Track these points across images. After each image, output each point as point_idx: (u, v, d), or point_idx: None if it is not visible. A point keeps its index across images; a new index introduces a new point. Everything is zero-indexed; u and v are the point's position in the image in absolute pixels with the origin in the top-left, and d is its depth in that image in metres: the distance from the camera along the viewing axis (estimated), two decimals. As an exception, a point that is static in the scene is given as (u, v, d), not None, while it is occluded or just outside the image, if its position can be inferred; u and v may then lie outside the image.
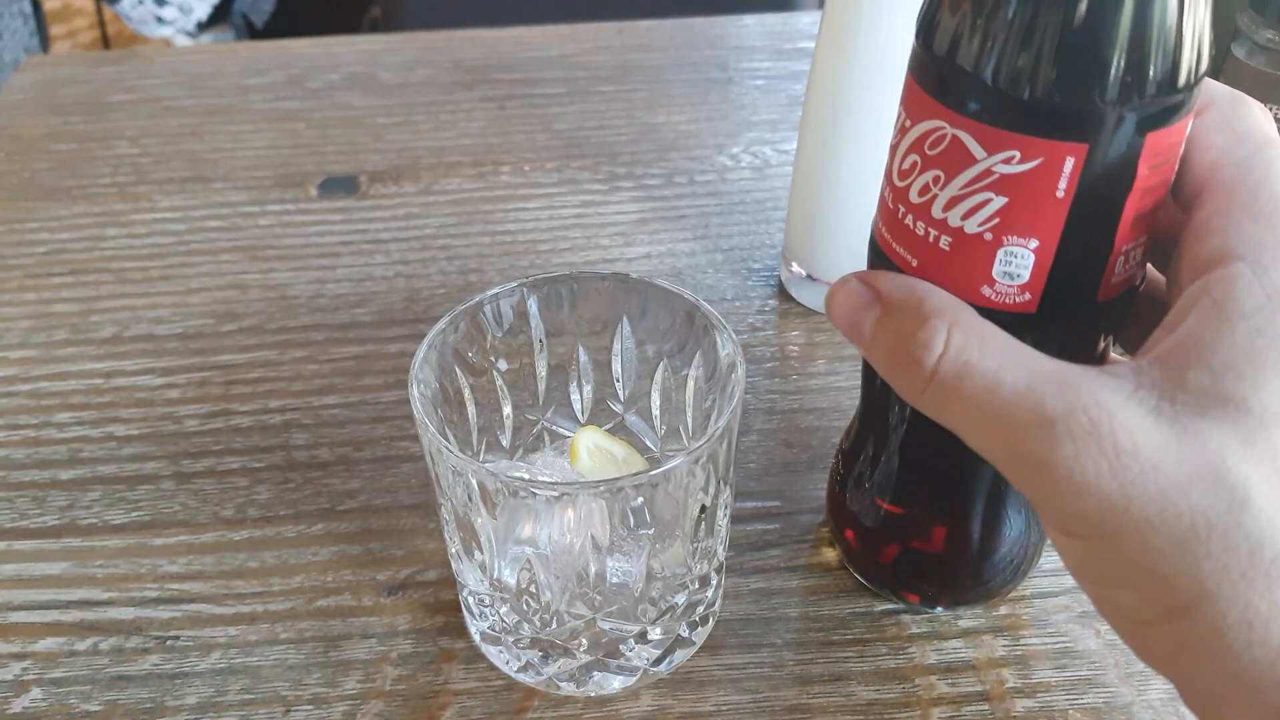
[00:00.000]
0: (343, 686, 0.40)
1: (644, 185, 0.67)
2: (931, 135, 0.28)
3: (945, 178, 0.28)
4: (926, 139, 0.29)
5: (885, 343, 0.28)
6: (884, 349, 0.28)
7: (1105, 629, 0.41)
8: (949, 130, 0.28)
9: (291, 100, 0.76)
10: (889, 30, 0.49)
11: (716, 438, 0.34)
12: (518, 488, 0.33)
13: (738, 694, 0.39)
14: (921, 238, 0.29)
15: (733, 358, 0.37)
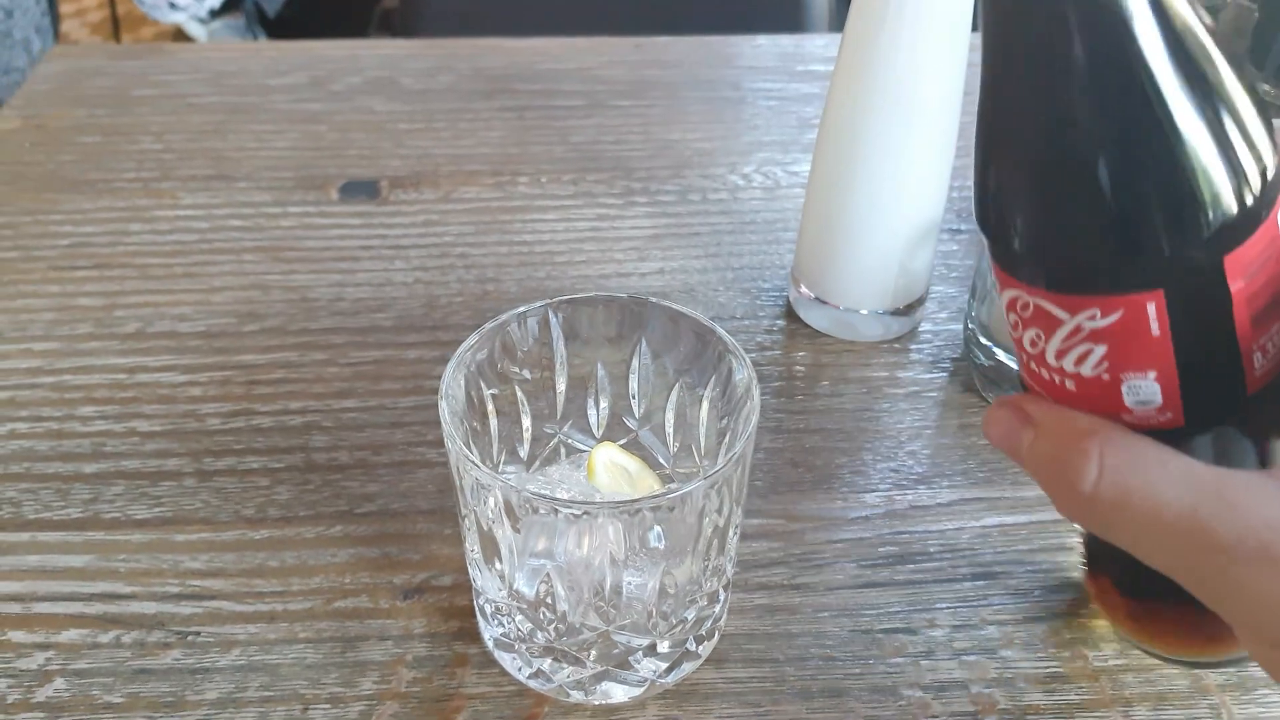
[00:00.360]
0: (359, 687, 0.41)
1: (658, 201, 0.68)
2: (1018, 302, 0.29)
3: (1044, 335, 0.28)
4: (1015, 304, 0.29)
5: (1041, 465, 0.28)
6: (1041, 472, 0.29)
7: (1094, 655, 0.42)
8: (1030, 299, 0.28)
9: (314, 102, 0.78)
10: (907, 62, 0.50)
11: (732, 463, 0.35)
12: (541, 505, 0.35)
13: (741, 707, 0.41)
14: (1049, 380, 0.29)
15: (748, 383, 0.39)
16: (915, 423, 0.53)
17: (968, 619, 0.44)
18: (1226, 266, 0.25)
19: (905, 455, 0.51)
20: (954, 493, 0.49)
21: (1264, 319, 0.27)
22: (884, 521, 0.48)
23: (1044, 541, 0.47)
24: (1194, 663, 0.41)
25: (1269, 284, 0.26)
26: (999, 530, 0.48)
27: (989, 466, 0.51)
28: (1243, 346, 0.27)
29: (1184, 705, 0.41)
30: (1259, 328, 0.27)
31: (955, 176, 0.55)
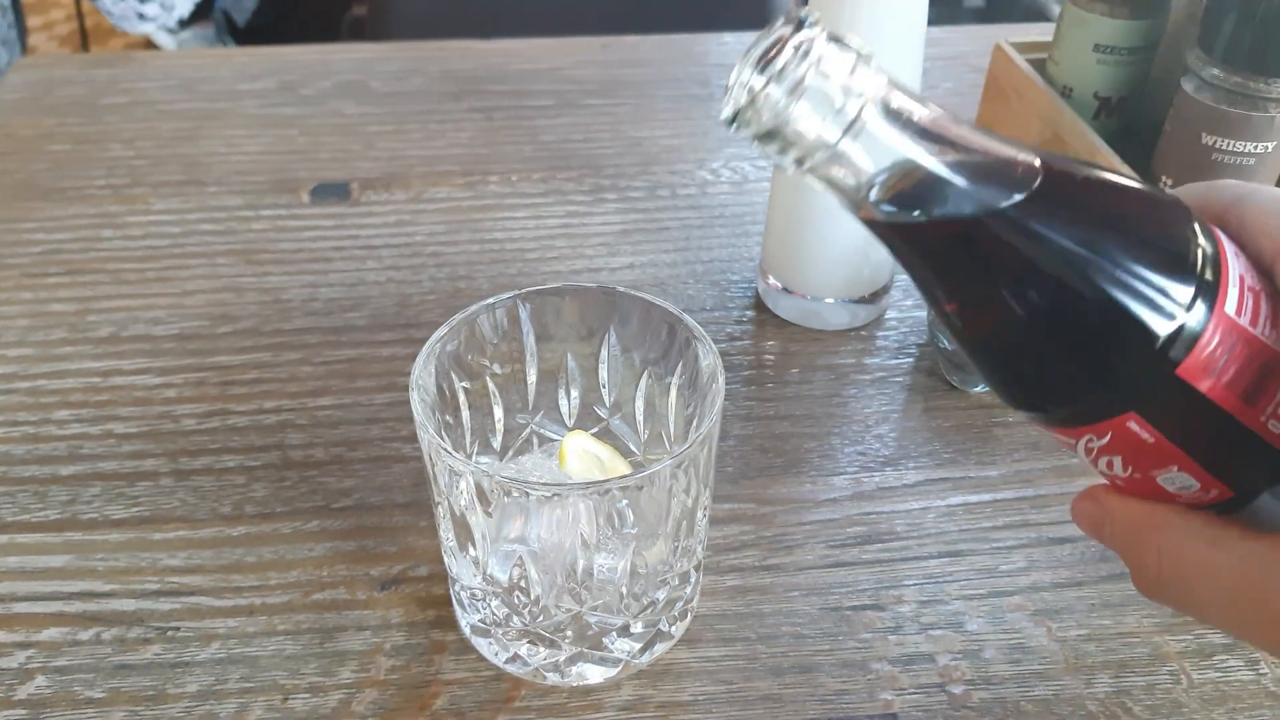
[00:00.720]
0: (338, 676, 0.42)
1: (628, 197, 0.69)
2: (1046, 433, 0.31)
3: (1075, 453, 0.30)
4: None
5: (1119, 552, 0.31)
6: (1120, 557, 0.31)
7: (1056, 626, 0.44)
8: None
9: (285, 106, 0.78)
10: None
11: (698, 444, 0.36)
12: (512, 488, 0.35)
13: (714, 684, 0.42)
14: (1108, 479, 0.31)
15: (713, 368, 0.39)
16: (882, 407, 0.54)
17: (934, 595, 0.45)
18: (1184, 376, 0.26)
19: (872, 439, 0.53)
20: (920, 474, 0.51)
21: (1259, 394, 0.27)
22: (852, 503, 0.49)
23: (1007, 519, 0.48)
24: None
25: (1247, 365, 0.27)
26: (963, 509, 0.49)
27: (954, 448, 0.52)
28: (1248, 423, 0.27)
29: (1145, 672, 0.42)
30: (1258, 404, 0.27)
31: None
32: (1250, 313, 0.26)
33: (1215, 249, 0.26)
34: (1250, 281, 0.27)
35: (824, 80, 0.26)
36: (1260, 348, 0.26)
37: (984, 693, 0.41)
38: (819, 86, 0.26)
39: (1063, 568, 0.46)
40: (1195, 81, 0.51)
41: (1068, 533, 0.48)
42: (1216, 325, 0.26)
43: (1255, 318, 0.26)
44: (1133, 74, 0.59)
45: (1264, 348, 0.26)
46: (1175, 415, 0.27)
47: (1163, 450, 0.28)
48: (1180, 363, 0.26)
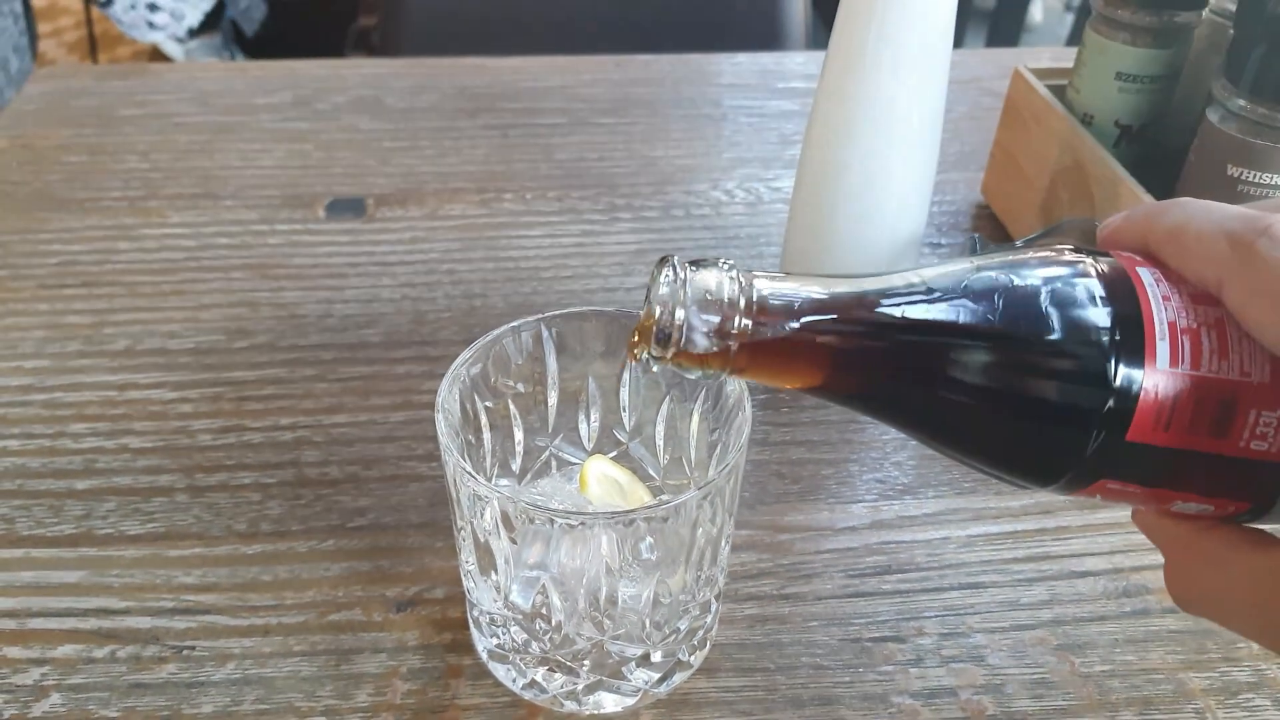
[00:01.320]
0: (354, 699, 0.41)
1: (642, 217, 0.69)
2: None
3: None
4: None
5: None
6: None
7: (1080, 661, 0.43)
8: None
9: (299, 121, 0.78)
10: (890, 81, 0.51)
11: (724, 474, 0.36)
12: (538, 515, 0.35)
13: (732, 715, 0.41)
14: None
15: (739, 395, 0.39)
16: (900, 435, 0.54)
17: (955, 627, 0.45)
18: (1136, 439, 0.27)
19: (890, 466, 0.52)
20: (939, 503, 0.50)
21: (1227, 425, 0.27)
22: (871, 531, 0.49)
23: (1028, 550, 0.48)
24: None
25: (1202, 405, 0.26)
26: (984, 539, 0.49)
27: (973, 477, 0.52)
28: (1227, 452, 0.27)
29: (1169, 710, 0.42)
30: (1229, 434, 0.27)
31: (937, 192, 0.56)
32: (1189, 356, 0.26)
33: (1133, 308, 0.26)
34: (1186, 322, 0.26)
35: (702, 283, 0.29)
36: (1211, 385, 0.26)
37: (1006, 727, 0.41)
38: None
39: (1085, 601, 0.46)
40: (1220, 112, 0.51)
41: (1089, 566, 0.47)
42: (1153, 385, 0.26)
43: (1196, 358, 0.26)
44: (1154, 102, 0.59)
45: (1216, 383, 0.26)
46: (1146, 470, 0.27)
47: (1155, 495, 0.28)
48: (1126, 430, 0.26)
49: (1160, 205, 0.28)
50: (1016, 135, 0.67)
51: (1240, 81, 0.50)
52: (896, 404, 0.30)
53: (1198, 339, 0.26)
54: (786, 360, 0.30)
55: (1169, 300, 0.27)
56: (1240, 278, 0.26)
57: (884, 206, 0.54)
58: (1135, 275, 0.27)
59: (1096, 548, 0.48)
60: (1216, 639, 0.44)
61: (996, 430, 0.28)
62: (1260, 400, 0.26)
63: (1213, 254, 0.26)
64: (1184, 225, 0.27)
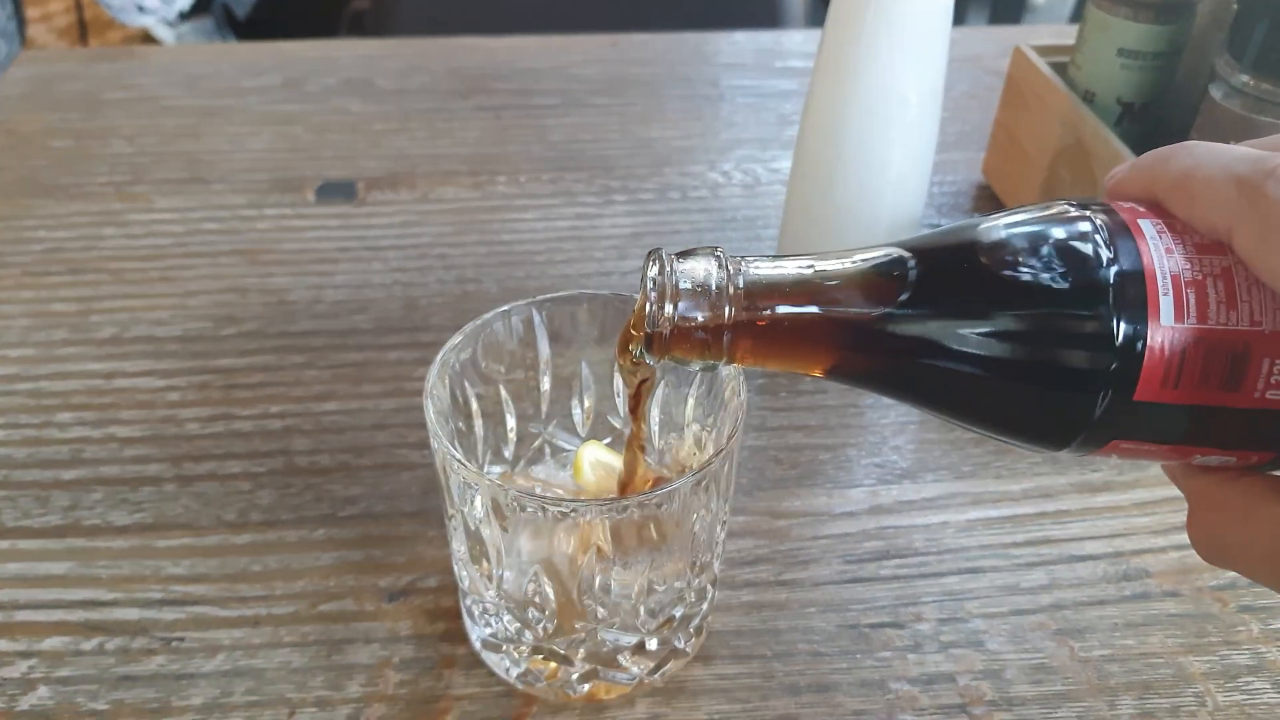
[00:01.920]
0: (346, 690, 0.41)
1: (638, 199, 0.68)
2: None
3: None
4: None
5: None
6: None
7: (1079, 646, 0.43)
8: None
9: (289, 103, 0.77)
10: (887, 59, 0.50)
11: (719, 459, 0.35)
12: (529, 503, 0.34)
13: (729, 703, 0.41)
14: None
15: (734, 379, 0.39)
16: (899, 418, 0.53)
17: (954, 612, 0.44)
18: (1145, 399, 0.26)
19: (889, 450, 0.52)
20: (938, 487, 0.50)
21: (1240, 377, 0.26)
22: (869, 517, 0.48)
23: (1027, 534, 0.47)
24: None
25: (1212, 359, 0.26)
26: (983, 524, 0.48)
27: (973, 461, 0.51)
28: (1241, 405, 0.26)
29: (1169, 694, 0.41)
30: (1243, 385, 0.26)
31: (937, 172, 0.56)
32: (1195, 309, 0.25)
33: (1135, 263, 0.26)
34: (1192, 274, 0.26)
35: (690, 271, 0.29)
36: (1221, 337, 0.25)
37: (1006, 714, 0.40)
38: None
39: (1085, 585, 0.45)
40: (1224, 88, 0.50)
41: (1089, 550, 0.47)
42: (1158, 342, 0.25)
43: (1203, 311, 0.25)
44: (1157, 79, 0.58)
45: (1225, 335, 0.25)
46: (1159, 428, 0.27)
47: (1172, 451, 0.27)
48: (1134, 390, 0.26)
49: (1165, 151, 0.27)
50: (1018, 114, 0.66)
51: (1244, 57, 0.49)
52: (899, 378, 0.29)
53: (1204, 291, 0.25)
54: (784, 346, 0.29)
55: (1172, 252, 0.26)
56: (1249, 222, 0.25)
57: (882, 187, 0.54)
58: (1137, 228, 0.26)
59: (1096, 531, 0.48)
60: (1216, 623, 0.44)
61: (1002, 397, 0.28)
62: (1273, 349, 0.25)
63: (1221, 200, 0.25)
64: (1190, 171, 0.26)
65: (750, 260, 0.29)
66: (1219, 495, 0.28)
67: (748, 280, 0.29)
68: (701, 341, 0.29)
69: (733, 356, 0.29)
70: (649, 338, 0.30)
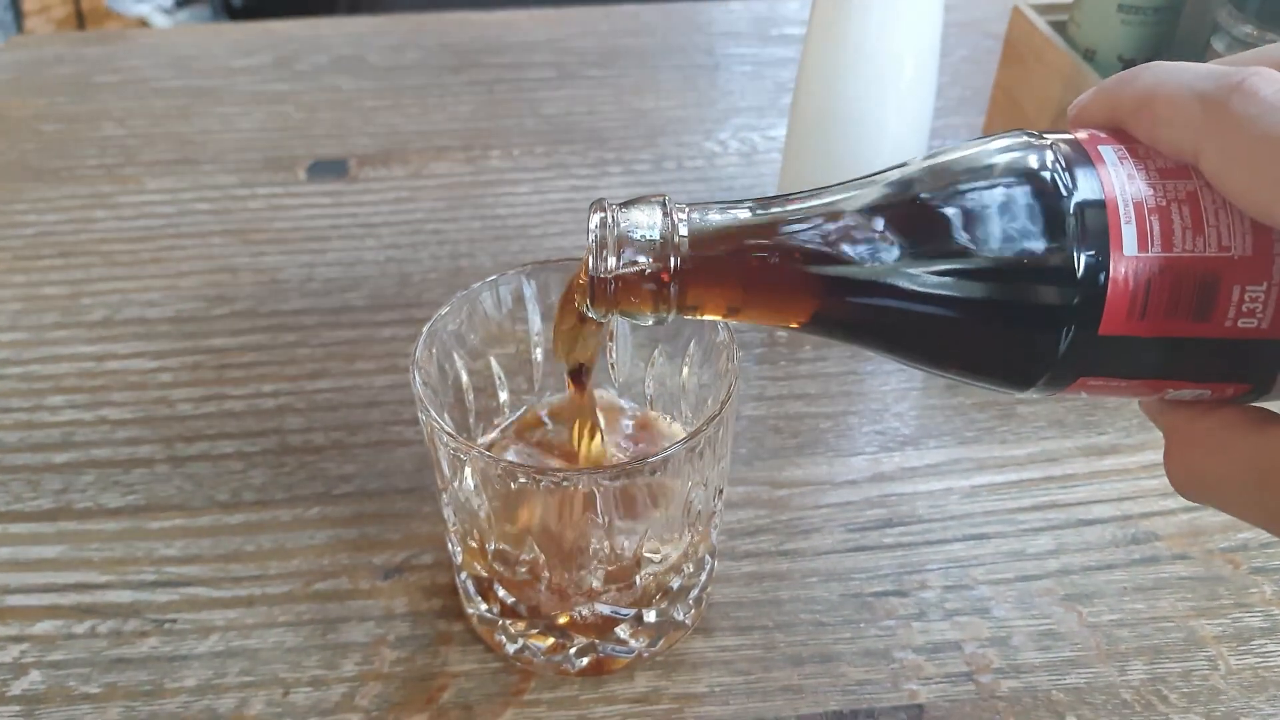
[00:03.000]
0: (341, 669, 0.40)
1: (633, 170, 0.67)
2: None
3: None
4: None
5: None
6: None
7: (1088, 611, 0.42)
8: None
9: (279, 82, 0.76)
10: (879, 20, 0.49)
11: (713, 425, 0.35)
12: (520, 474, 0.34)
13: (730, 675, 0.40)
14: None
15: (727, 345, 0.38)
16: (901, 384, 0.53)
17: (959, 579, 0.43)
18: (1110, 332, 0.25)
19: (891, 417, 0.51)
20: (941, 453, 0.49)
21: (1210, 305, 0.25)
22: (871, 484, 0.47)
23: (1033, 499, 0.47)
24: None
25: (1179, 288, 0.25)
26: (988, 490, 0.47)
27: (976, 426, 0.50)
28: (1212, 334, 0.25)
29: (1180, 658, 0.40)
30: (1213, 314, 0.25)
31: (936, 137, 0.55)
32: (1160, 237, 0.24)
33: (1094, 191, 0.25)
34: (1155, 200, 0.24)
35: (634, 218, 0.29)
36: (1187, 265, 0.24)
37: (1013, 681, 0.39)
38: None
39: (1093, 550, 0.44)
40: (1226, 40, 0.49)
41: (1096, 514, 0.46)
42: (1121, 273, 0.24)
43: (1168, 239, 0.24)
44: (1158, 33, 0.57)
45: (1192, 263, 0.24)
46: (1127, 363, 0.26)
47: (1143, 386, 0.26)
48: (1098, 324, 0.25)
49: (1129, 73, 0.26)
50: (1017, 74, 0.65)
51: (1246, 7, 0.48)
52: (854, 324, 0.28)
53: (1169, 217, 0.24)
54: (733, 295, 0.28)
55: (1135, 178, 0.25)
56: (1215, 142, 0.23)
57: (878, 152, 0.53)
58: (1097, 155, 0.25)
59: (1104, 495, 0.47)
60: (1228, 585, 0.43)
61: (961, 338, 0.27)
62: (1243, 275, 0.24)
63: (1185, 119, 0.24)
64: (1153, 91, 0.25)
65: (696, 207, 0.28)
66: (1195, 429, 0.27)
67: (692, 228, 0.28)
68: (648, 293, 0.28)
69: (682, 307, 0.28)
70: (593, 290, 0.29)
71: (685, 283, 0.28)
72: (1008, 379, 0.27)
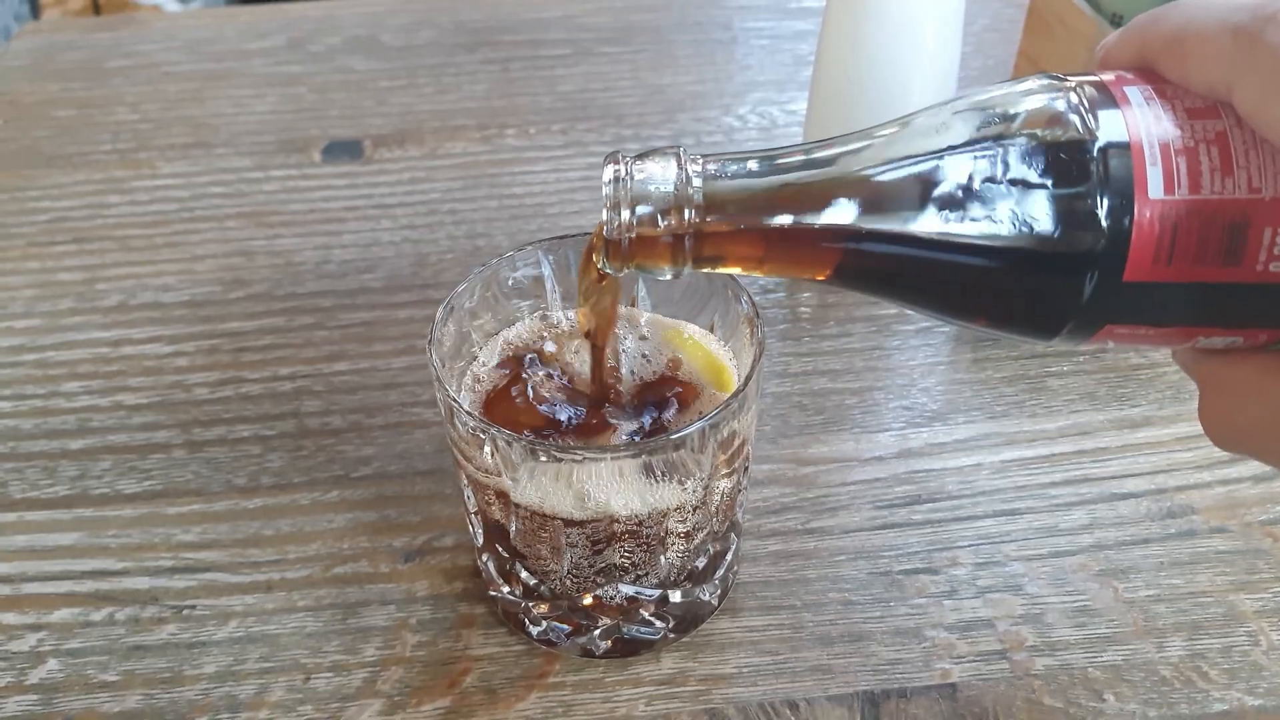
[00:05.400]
0: (362, 654, 0.40)
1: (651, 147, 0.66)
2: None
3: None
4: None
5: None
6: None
7: (1124, 587, 0.41)
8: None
9: (293, 64, 0.75)
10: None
11: (736, 400, 0.34)
12: (540, 451, 0.33)
13: (758, 655, 0.39)
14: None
15: (751, 317, 0.37)
16: (927, 359, 0.51)
17: (990, 556, 0.42)
18: (1136, 279, 0.24)
19: (918, 392, 0.50)
20: (970, 428, 0.48)
21: (1239, 249, 0.24)
22: (899, 461, 0.46)
23: (1065, 474, 0.45)
24: None
25: (1208, 231, 0.24)
26: (1018, 464, 0.46)
27: (1006, 400, 0.49)
28: (1244, 279, 0.24)
29: (1220, 634, 0.39)
30: (1243, 259, 0.24)
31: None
32: (1187, 179, 0.23)
33: (1119, 133, 0.24)
34: (1182, 141, 0.24)
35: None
36: (1216, 208, 0.23)
37: (1049, 659, 0.38)
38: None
39: (1127, 524, 0.43)
40: None
41: (1131, 487, 0.45)
42: (1147, 217, 0.24)
43: (1195, 181, 0.23)
44: (1188, -3, 0.55)
45: (1220, 205, 0.23)
46: (1154, 310, 0.25)
47: (1172, 334, 0.26)
48: (1123, 270, 0.24)
49: (1157, 11, 0.25)
50: (1041, 41, 0.63)
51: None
52: (877, 272, 0.27)
53: (1196, 158, 0.23)
54: (752, 246, 0.27)
55: (1162, 119, 0.24)
56: (1250, 74, 0.22)
57: (902, 119, 0.51)
58: (1122, 95, 0.24)
59: (1138, 468, 0.45)
60: (1268, 558, 0.42)
61: (984, 285, 0.26)
62: (1276, 217, 0.23)
63: (1216, 53, 0.23)
64: (1183, 28, 0.24)
65: (712, 159, 0.28)
66: (1229, 377, 0.26)
67: (708, 179, 0.27)
68: (664, 246, 0.27)
69: (699, 260, 0.28)
70: (608, 245, 0.28)
71: (701, 236, 0.27)
72: (1032, 327, 0.26)
